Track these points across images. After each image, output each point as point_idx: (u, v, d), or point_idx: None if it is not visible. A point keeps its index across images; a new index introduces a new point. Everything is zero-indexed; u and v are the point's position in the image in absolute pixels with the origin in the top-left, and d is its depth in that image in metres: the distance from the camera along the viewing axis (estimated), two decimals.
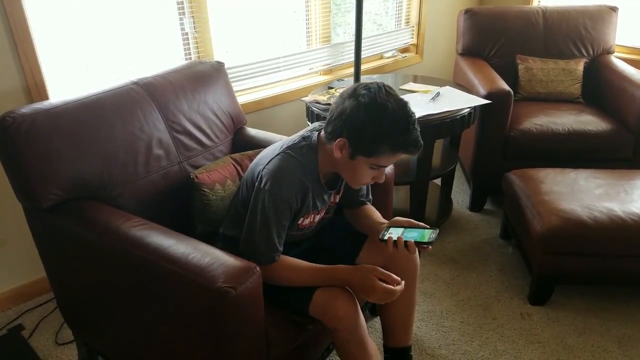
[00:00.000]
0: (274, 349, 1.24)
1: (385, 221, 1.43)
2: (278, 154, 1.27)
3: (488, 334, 1.82)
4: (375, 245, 1.44)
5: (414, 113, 1.19)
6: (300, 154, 1.27)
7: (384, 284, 1.21)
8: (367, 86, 1.19)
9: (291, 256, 1.42)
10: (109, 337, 1.45)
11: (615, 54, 2.89)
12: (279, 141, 1.35)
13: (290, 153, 1.27)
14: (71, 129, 1.38)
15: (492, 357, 1.72)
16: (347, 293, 1.27)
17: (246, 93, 2.43)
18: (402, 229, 1.29)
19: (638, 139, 2.41)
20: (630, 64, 2.69)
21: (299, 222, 1.34)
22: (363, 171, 1.24)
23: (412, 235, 1.25)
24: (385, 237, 1.26)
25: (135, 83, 1.60)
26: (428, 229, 1.28)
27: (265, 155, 1.32)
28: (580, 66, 2.73)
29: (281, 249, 1.28)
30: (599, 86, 2.71)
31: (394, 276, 1.24)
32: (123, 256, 1.21)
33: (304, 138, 1.31)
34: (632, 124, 2.42)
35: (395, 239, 1.25)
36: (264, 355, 1.22)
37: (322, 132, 1.27)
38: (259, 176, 1.26)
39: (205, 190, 1.55)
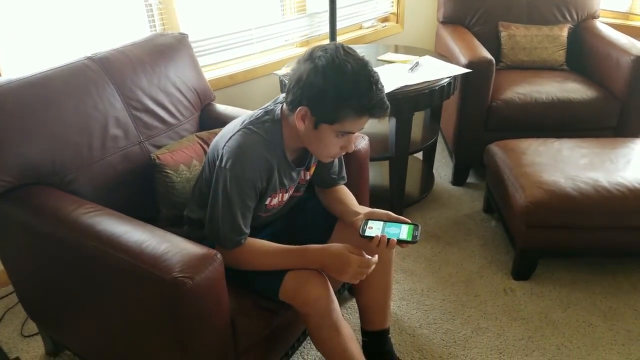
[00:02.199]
0: (243, 338, 1.17)
1: (360, 207, 1.35)
2: (239, 130, 1.18)
3: (470, 312, 1.78)
4: (348, 225, 1.36)
5: (376, 72, 1.10)
6: (262, 129, 1.18)
7: (360, 257, 1.15)
8: (323, 47, 1.10)
9: (260, 239, 1.34)
10: (72, 330, 1.37)
11: (600, 18, 2.80)
12: (242, 116, 1.25)
13: (252, 128, 1.18)
14: (16, 110, 1.27)
15: (475, 335, 1.68)
16: (318, 276, 1.20)
17: (217, 67, 2.31)
18: (382, 222, 1.22)
19: (623, 106, 2.35)
20: (615, 29, 2.61)
21: (267, 202, 1.26)
22: (329, 141, 1.15)
23: (393, 231, 1.19)
24: (367, 234, 1.19)
25: (89, 58, 1.49)
26: (409, 223, 1.21)
27: (226, 132, 1.22)
28: (564, 32, 2.65)
29: (247, 231, 1.20)
30: (584, 52, 2.64)
31: (366, 255, 1.17)
32: (73, 246, 1.12)
33: (266, 112, 1.21)
34: (618, 91, 2.36)
35: (379, 235, 1.18)
36: (230, 345, 1.15)
37: (285, 105, 1.18)
38: (220, 154, 1.17)
39: (169, 171, 1.45)
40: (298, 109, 1.11)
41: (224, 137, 1.20)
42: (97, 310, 1.22)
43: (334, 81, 1.06)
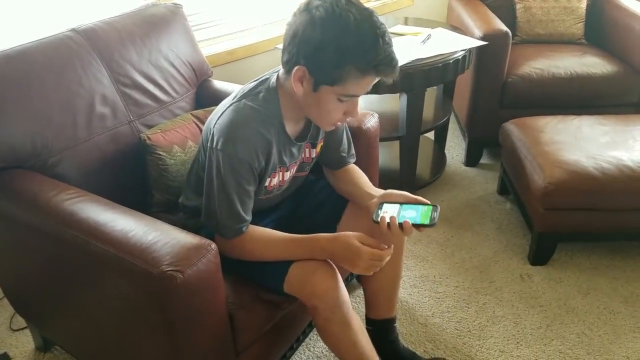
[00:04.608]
0: (243, 335, 1.08)
1: (374, 189, 1.24)
2: (230, 105, 1.06)
3: (485, 299, 1.68)
4: (359, 208, 1.25)
5: (383, 24, 0.96)
6: (256, 101, 1.05)
7: (371, 248, 1.03)
8: None
9: (264, 226, 1.23)
10: (59, 326, 1.28)
11: None
12: (235, 90, 1.13)
13: (244, 102, 1.05)
14: None
15: (490, 324, 1.58)
16: (326, 266, 1.09)
17: (215, 43, 2.17)
18: (398, 205, 1.10)
19: None
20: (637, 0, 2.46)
21: (267, 183, 1.14)
22: (331, 105, 1.02)
23: (410, 214, 1.06)
24: (379, 219, 1.07)
25: (73, 30, 1.37)
26: (427, 204, 1.09)
27: (219, 108, 1.10)
28: (582, 4, 2.50)
29: (249, 218, 1.09)
30: (603, 25, 2.49)
31: (381, 244, 1.06)
32: (53, 235, 1.02)
33: (260, 82, 1.09)
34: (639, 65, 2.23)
35: (385, 217, 1.05)
36: (229, 342, 1.05)
37: (281, 70, 1.06)
38: (211, 133, 1.05)
39: (161, 153, 1.34)
40: (295, 69, 0.98)
41: (216, 115, 1.09)
42: (83, 306, 1.12)
43: (333, 34, 0.93)
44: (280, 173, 1.16)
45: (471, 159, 2.42)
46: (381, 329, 1.39)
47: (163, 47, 1.50)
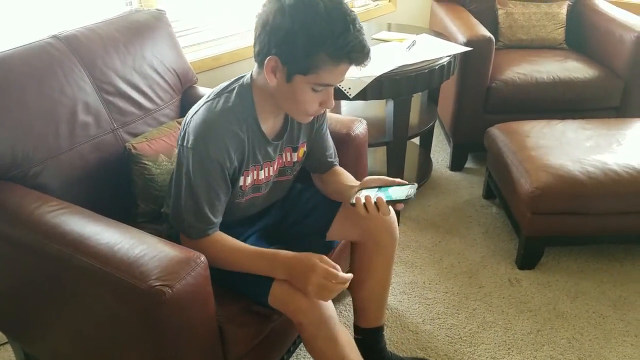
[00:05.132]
0: (232, 348, 1.05)
1: (358, 183, 1.23)
2: (204, 104, 1.04)
3: (475, 305, 1.68)
4: (349, 214, 1.24)
5: (353, 11, 0.96)
6: (229, 99, 1.03)
7: (327, 267, 0.99)
8: None
9: (251, 235, 1.21)
10: (42, 342, 1.23)
11: None
12: (211, 90, 1.11)
13: (217, 100, 1.03)
14: None
15: (481, 330, 1.58)
16: None
17: (200, 49, 2.15)
18: (376, 189, 1.09)
19: (626, 85, 2.26)
20: (615, 5, 2.51)
21: (241, 183, 1.10)
22: (305, 96, 1.00)
23: (386, 194, 1.06)
24: (354, 200, 1.06)
25: (54, 37, 1.33)
26: (405, 184, 1.09)
27: (194, 108, 1.08)
28: (563, 9, 2.54)
29: (217, 221, 1.06)
30: (584, 30, 2.54)
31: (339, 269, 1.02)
32: (35, 249, 0.98)
33: (235, 80, 1.08)
34: (620, 69, 2.27)
35: (360, 198, 1.05)
36: (219, 356, 1.02)
37: (255, 66, 1.04)
38: (185, 133, 1.03)
39: (147, 162, 1.31)
40: (267, 60, 0.97)
41: (190, 114, 1.07)
42: (68, 321, 1.08)
43: (303, 21, 0.92)
44: (255, 171, 1.13)
45: (456, 164, 2.43)
46: (370, 338, 1.37)
47: (147, 54, 1.47)
